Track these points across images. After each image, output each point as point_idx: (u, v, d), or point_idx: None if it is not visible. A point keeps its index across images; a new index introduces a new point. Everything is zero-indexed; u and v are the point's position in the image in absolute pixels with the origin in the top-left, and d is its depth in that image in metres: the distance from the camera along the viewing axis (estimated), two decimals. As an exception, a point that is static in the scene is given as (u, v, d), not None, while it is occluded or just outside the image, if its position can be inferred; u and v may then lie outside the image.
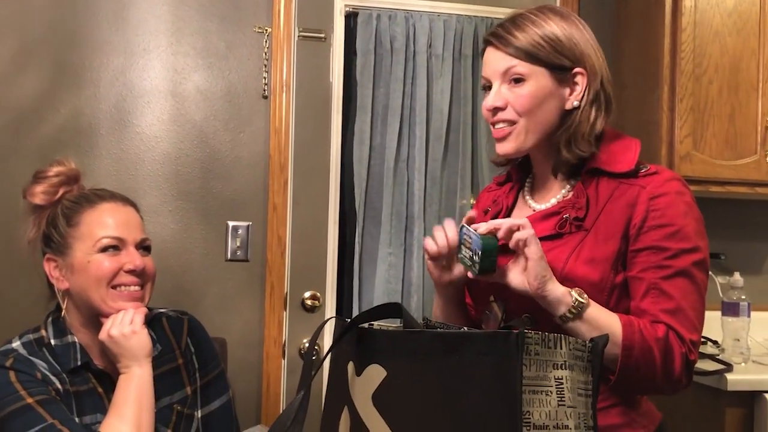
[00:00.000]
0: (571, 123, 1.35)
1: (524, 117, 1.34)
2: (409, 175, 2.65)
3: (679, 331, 1.25)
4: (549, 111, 1.35)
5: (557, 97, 1.35)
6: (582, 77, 1.34)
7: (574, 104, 1.35)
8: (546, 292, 1.22)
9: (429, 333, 1.07)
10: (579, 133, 1.34)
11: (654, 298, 1.27)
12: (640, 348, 1.22)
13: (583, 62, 1.34)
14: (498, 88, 1.36)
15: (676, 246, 1.27)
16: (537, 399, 1.01)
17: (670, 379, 1.26)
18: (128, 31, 2.44)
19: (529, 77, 1.33)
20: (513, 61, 1.33)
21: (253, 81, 2.51)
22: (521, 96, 1.33)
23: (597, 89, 1.35)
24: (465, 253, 1.27)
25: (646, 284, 1.28)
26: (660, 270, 1.27)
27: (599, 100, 1.35)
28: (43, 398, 1.40)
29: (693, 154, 2.50)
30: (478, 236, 1.23)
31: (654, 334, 1.23)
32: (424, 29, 2.64)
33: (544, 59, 1.33)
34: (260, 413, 2.47)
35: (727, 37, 2.54)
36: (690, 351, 1.26)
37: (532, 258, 1.21)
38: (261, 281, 2.49)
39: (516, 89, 1.34)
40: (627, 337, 1.22)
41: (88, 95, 2.41)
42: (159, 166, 2.45)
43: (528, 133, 1.35)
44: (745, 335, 2.46)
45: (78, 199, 1.54)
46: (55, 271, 1.52)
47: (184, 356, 1.62)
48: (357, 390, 1.14)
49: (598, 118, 1.35)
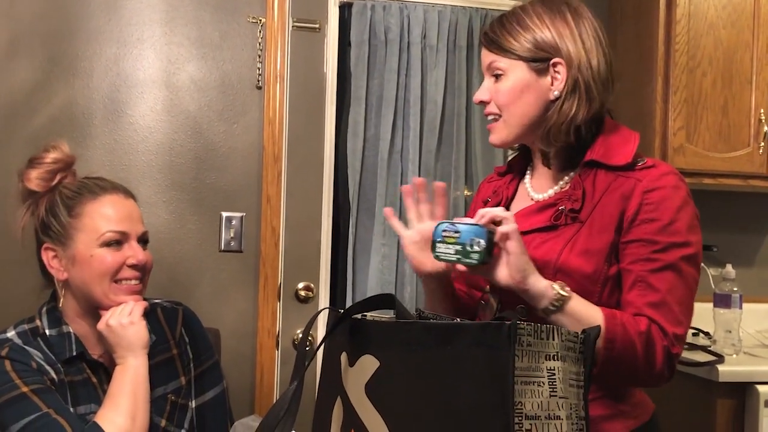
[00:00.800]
0: (551, 114, 1.36)
1: (504, 110, 1.38)
2: (403, 166, 2.65)
3: (662, 325, 1.25)
4: (528, 103, 1.36)
5: (537, 88, 1.36)
6: (562, 66, 1.35)
7: (555, 94, 1.36)
8: (528, 286, 1.22)
9: (421, 324, 1.07)
10: (557, 123, 1.35)
11: (640, 290, 1.28)
12: (622, 341, 1.23)
13: (561, 53, 1.35)
14: (486, 82, 1.41)
15: (665, 240, 1.28)
16: (529, 390, 1.01)
17: (652, 372, 1.26)
18: (122, 20, 2.43)
19: (507, 72, 1.37)
20: (493, 57, 1.39)
21: (247, 71, 2.51)
22: (499, 91, 1.38)
23: (576, 78, 1.34)
24: (448, 249, 1.26)
25: (634, 276, 1.28)
26: (648, 263, 1.28)
27: (579, 89, 1.35)
28: (38, 387, 1.40)
29: (686, 147, 2.51)
30: (472, 226, 1.23)
31: (636, 327, 1.24)
32: (418, 20, 2.64)
33: (521, 53, 1.36)
34: (254, 403, 2.47)
35: (721, 30, 2.54)
36: (672, 344, 1.26)
37: (514, 252, 1.21)
38: (255, 272, 2.50)
39: (497, 84, 1.39)
40: (609, 330, 1.22)
41: (81, 85, 2.40)
42: (153, 156, 2.44)
43: (510, 126, 1.39)
44: (736, 327, 2.48)
45: (79, 189, 1.52)
46: (54, 261, 1.50)
47: (179, 346, 1.62)
48: (350, 380, 1.14)
49: (579, 109, 1.34)
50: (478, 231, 1.22)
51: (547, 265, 1.29)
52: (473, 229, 1.23)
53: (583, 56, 1.35)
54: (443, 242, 1.26)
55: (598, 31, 1.38)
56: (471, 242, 1.23)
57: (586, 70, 1.35)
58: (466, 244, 1.23)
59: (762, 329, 2.81)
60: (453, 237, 1.25)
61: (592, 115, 1.36)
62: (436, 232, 1.26)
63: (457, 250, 1.24)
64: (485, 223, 1.23)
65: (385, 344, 1.10)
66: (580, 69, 1.35)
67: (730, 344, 2.45)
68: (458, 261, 1.26)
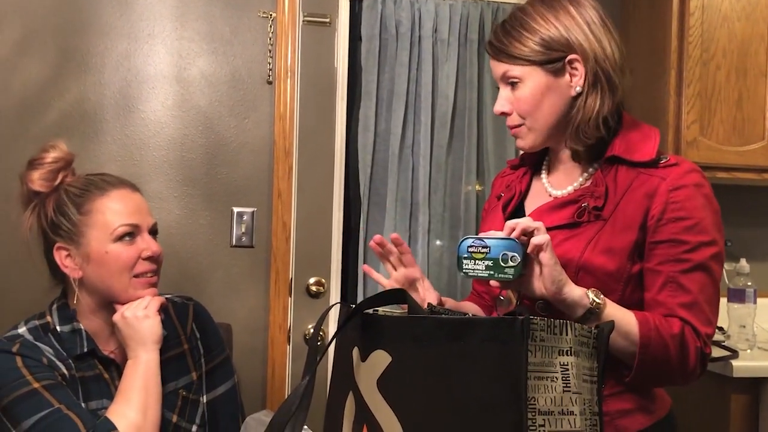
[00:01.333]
0: (576, 111, 1.34)
1: (528, 118, 1.36)
2: (414, 161, 2.64)
3: (694, 325, 1.26)
4: (552, 105, 1.35)
5: (558, 88, 1.34)
6: (578, 62, 1.33)
7: (577, 90, 1.34)
8: (563, 295, 1.21)
9: (434, 319, 1.07)
10: (585, 119, 1.33)
11: (671, 291, 1.27)
12: (657, 344, 1.23)
13: (574, 49, 1.33)
14: (502, 92, 1.39)
15: (694, 239, 1.27)
16: (542, 385, 1.00)
17: (685, 373, 1.27)
18: (133, 16, 2.43)
19: (523, 79, 1.35)
20: (506, 67, 1.36)
21: (258, 66, 2.50)
22: (520, 99, 1.36)
23: (594, 71, 1.33)
24: (477, 265, 1.23)
25: (664, 277, 1.28)
26: (678, 263, 1.27)
27: (600, 81, 1.34)
28: (50, 383, 1.41)
29: (700, 140, 2.49)
30: (503, 240, 1.20)
31: (669, 330, 1.24)
32: (429, 14, 2.63)
33: (534, 58, 1.33)
34: (265, 399, 2.48)
35: (735, 22, 2.52)
36: (705, 344, 1.27)
37: (548, 264, 1.20)
38: (266, 267, 2.50)
39: (515, 93, 1.36)
40: (644, 335, 1.22)
41: (93, 81, 2.40)
42: (164, 151, 2.44)
43: (536, 131, 1.37)
44: (751, 322, 2.46)
45: (86, 186, 1.52)
46: (67, 261, 1.50)
47: (190, 342, 1.62)
48: (362, 376, 1.14)
49: (604, 101, 1.34)
50: (510, 245, 1.19)
51: (570, 263, 1.28)
52: (504, 243, 1.20)
53: (596, 47, 1.33)
54: (471, 258, 1.23)
55: (602, 16, 1.36)
56: (504, 257, 1.20)
57: (603, 61, 1.33)
58: (498, 259, 1.20)
59: (776, 324, 2.79)
60: (481, 252, 1.22)
61: (617, 105, 1.35)
62: (460, 248, 1.24)
63: (488, 265, 1.21)
64: (517, 236, 1.20)
65: (397, 339, 1.09)
66: (597, 60, 1.33)
67: (744, 339, 2.44)
68: (491, 277, 1.22)
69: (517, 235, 1.20)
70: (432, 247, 2.66)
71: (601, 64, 1.33)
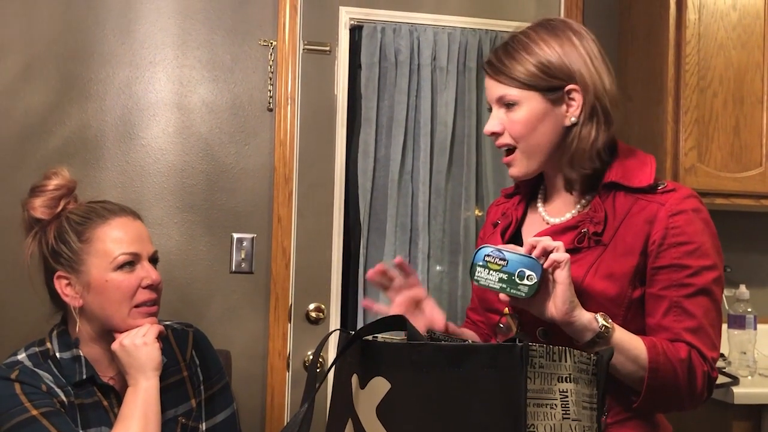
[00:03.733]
0: (571, 140, 1.34)
1: (521, 142, 1.36)
2: (414, 187, 2.65)
3: (701, 350, 1.26)
4: (545, 133, 1.35)
5: (553, 116, 1.34)
6: (577, 93, 1.33)
7: (572, 120, 1.34)
8: (573, 318, 1.21)
9: (433, 345, 1.07)
10: (579, 149, 1.34)
11: (676, 316, 1.27)
12: (665, 369, 1.23)
13: (575, 79, 1.33)
14: (496, 113, 1.38)
15: (696, 264, 1.28)
16: (542, 412, 1.00)
17: (693, 397, 1.27)
18: (134, 44, 2.45)
19: (521, 102, 1.34)
20: (505, 89, 1.35)
21: (258, 93, 2.52)
22: (514, 122, 1.35)
23: (592, 103, 1.33)
24: (491, 276, 1.21)
25: (668, 302, 1.28)
26: (682, 288, 1.27)
27: (597, 114, 1.34)
28: (48, 410, 1.40)
29: (698, 167, 2.50)
30: (523, 257, 1.18)
31: (677, 355, 1.24)
32: (428, 42, 2.65)
33: (535, 84, 1.33)
34: (264, 426, 2.46)
35: (731, 50, 2.54)
36: (711, 369, 1.27)
37: (563, 282, 1.19)
38: (265, 293, 2.50)
39: (510, 114, 1.35)
40: (652, 359, 1.22)
41: (94, 108, 2.42)
42: (164, 178, 2.45)
43: (529, 158, 1.37)
44: (751, 348, 2.45)
45: (88, 214, 1.52)
46: (67, 289, 1.50)
47: (189, 369, 1.62)
48: (361, 402, 1.14)
49: (599, 133, 1.34)
50: (529, 263, 1.18)
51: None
52: (523, 261, 1.19)
53: (596, 79, 1.33)
54: (486, 267, 1.22)
55: (600, 50, 1.37)
56: (521, 273, 1.19)
57: (602, 94, 1.34)
58: (514, 275, 1.20)
59: (777, 350, 2.78)
60: (498, 264, 1.21)
61: (610, 137, 1.36)
62: (477, 255, 1.23)
63: (501, 278, 1.20)
64: (538, 255, 1.20)
65: (397, 366, 1.09)
66: (596, 93, 1.33)
67: (744, 366, 2.43)
68: (502, 290, 1.21)
69: (538, 254, 1.20)
70: (432, 273, 2.66)
71: (600, 96, 1.33)
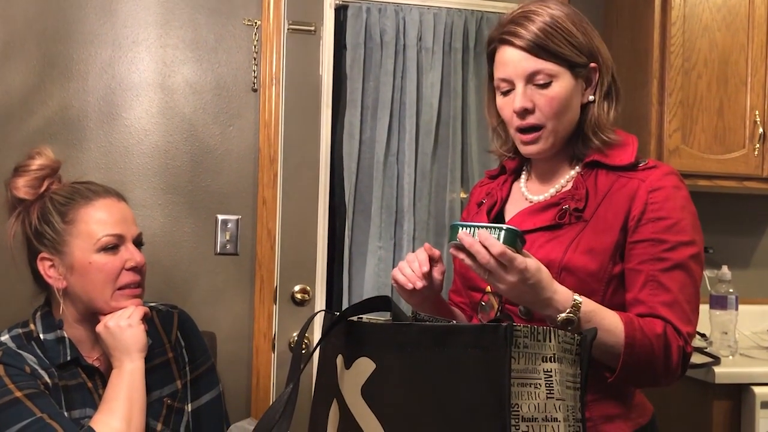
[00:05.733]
0: (589, 117, 1.37)
1: (552, 120, 1.35)
2: (399, 169, 2.65)
3: (676, 325, 1.27)
4: (574, 110, 1.37)
5: (578, 94, 1.37)
6: (595, 71, 1.37)
7: (589, 98, 1.37)
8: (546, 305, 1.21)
9: (417, 326, 1.07)
10: (600, 124, 1.37)
11: (652, 289, 1.28)
12: (641, 345, 1.24)
13: (597, 56, 1.37)
14: (523, 89, 1.34)
15: (673, 239, 1.29)
16: (526, 392, 1.01)
17: (668, 372, 1.28)
18: (117, 23, 2.42)
19: (556, 79, 1.33)
20: (541, 63, 1.32)
21: (243, 74, 2.50)
22: (551, 99, 1.33)
23: (609, 81, 1.39)
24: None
25: (645, 276, 1.29)
26: (658, 262, 1.29)
27: (612, 91, 1.39)
28: (32, 392, 1.40)
29: (682, 148, 2.51)
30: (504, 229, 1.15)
31: (653, 330, 1.25)
32: (414, 22, 2.64)
33: (569, 59, 1.33)
34: (250, 407, 2.47)
35: (716, 32, 2.55)
36: (686, 343, 1.28)
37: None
38: (250, 275, 2.49)
39: (544, 91, 1.33)
40: (629, 334, 1.23)
41: (77, 88, 2.39)
42: (148, 159, 2.44)
43: (556, 135, 1.37)
44: (732, 328, 2.48)
45: (71, 194, 1.51)
46: (51, 271, 1.49)
47: (174, 350, 1.62)
48: (346, 383, 1.14)
49: (611, 109, 1.39)
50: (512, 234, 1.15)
51: (552, 263, 1.29)
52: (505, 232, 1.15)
53: (610, 58, 1.39)
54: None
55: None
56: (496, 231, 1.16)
57: (614, 72, 1.40)
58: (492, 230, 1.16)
59: (758, 331, 2.81)
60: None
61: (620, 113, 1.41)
62: (452, 231, 1.19)
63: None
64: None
65: (382, 346, 1.09)
66: (612, 72, 1.39)
67: (726, 346, 2.46)
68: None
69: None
70: (417, 255, 2.66)
71: (614, 74, 1.39)
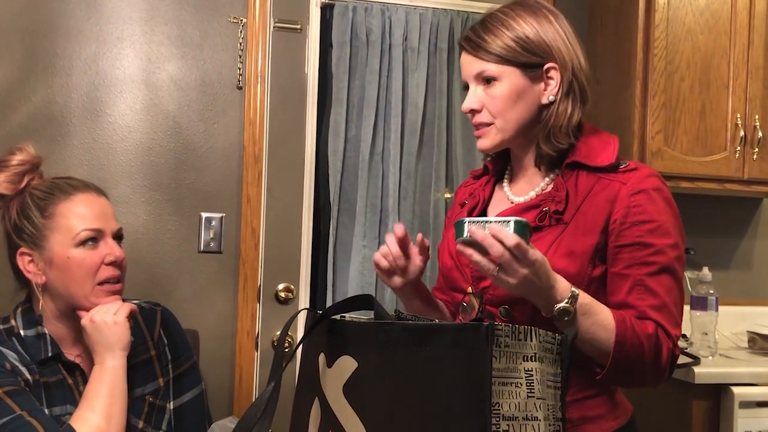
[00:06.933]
0: (548, 117, 1.36)
1: (498, 118, 1.37)
2: (384, 168, 2.65)
3: (666, 327, 1.28)
4: (523, 109, 1.36)
5: (531, 93, 1.36)
6: (555, 71, 1.36)
7: (549, 99, 1.36)
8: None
9: (399, 325, 1.08)
10: (556, 126, 1.36)
11: (640, 294, 1.29)
12: (632, 343, 1.24)
13: (554, 57, 1.35)
14: (474, 90, 1.38)
15: (659, 242, 1.29)
16: (507, 391, 1.01)
17: (657, 373, 1.29)
18: (101, 19, 2.41)
19: (500, 78, 1.35)
20: (484, 64, 1.36)
21: (228, 71, 2.50)
22: (494, 98, 1.36)
23: (570, 81, 1.36)
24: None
25: (632, 280, 1.29)
26: (645, 266, 1.29)
27: (574, 91, 1.37)
28: (12, 389, 1.39)
29: (664, 150, 2.53)
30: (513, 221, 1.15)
31: (644, 330, 1.26)
32: (400, 22, 2.64)
33: (514, 60, 1.34)
34: (232, 405, 2.46)
35: (699, 35, 2.57)
36: (675, 346, 1.30)
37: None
38: (234, 273, 2.49)
39: (489, 90, 1.36)
40: (620, 333, 1.24)
41: (60, 84, 2.38)
42: (131, 156, 2.43)
43: (504, 132, 1.38)
44: (712, 329, 2.50)
45: (51, 189, 1.50)
46: (30, 266, 1.48)
47: (157, 348, 1.61)
48: (328, 381, 1.14)
49: (574, 110, 1.37)
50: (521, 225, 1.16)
51: None
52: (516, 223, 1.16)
53: (574, 57, 1.37)
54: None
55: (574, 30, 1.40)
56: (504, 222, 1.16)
57: (579, 72, 1.37)
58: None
59: (737, 331, 2.84)
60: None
61: (586, 113, 1.39)
62: (460, 226, 1.18)
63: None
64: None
65: (364, 345, 1.10)
66: (574, 71, 1.36)
67: (706, 346, 2.48)
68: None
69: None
70: (401, 254, 2.67)
71: (577, 73, 1.37)
